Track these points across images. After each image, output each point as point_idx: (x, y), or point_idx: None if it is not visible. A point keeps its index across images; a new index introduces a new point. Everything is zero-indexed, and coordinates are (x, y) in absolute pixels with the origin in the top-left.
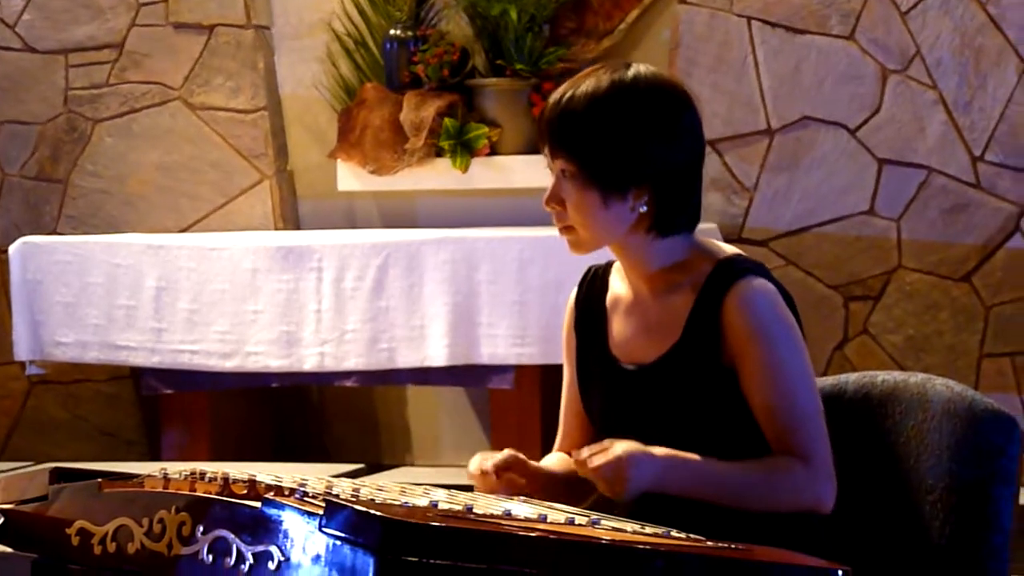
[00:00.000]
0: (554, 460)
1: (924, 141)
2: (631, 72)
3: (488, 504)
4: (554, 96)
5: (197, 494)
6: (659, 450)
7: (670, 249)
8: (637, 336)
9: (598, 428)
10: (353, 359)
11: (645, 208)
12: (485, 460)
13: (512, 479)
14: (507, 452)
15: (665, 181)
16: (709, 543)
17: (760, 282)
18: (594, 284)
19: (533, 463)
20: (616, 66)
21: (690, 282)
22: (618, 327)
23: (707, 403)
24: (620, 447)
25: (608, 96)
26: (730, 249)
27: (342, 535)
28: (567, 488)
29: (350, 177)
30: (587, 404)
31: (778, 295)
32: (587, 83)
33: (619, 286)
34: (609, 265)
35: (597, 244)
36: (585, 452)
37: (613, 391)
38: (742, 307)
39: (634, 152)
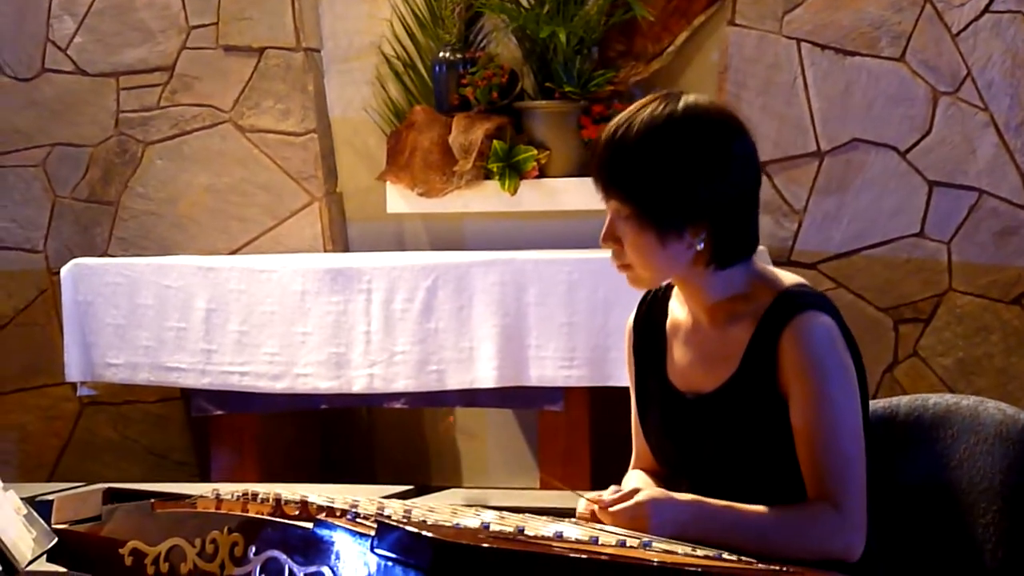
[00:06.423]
0: (636, 480)
1: (975, 163)
2: (680, 106)
3: (539, 526)
4: (605, 134)
5: (249, 515)
6: (684, 496)
7: (729, 279)
8: (696, 364)
9: (655, 453)
10: (402, 381)
11: (703, 245)
12: (591, 503)
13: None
14: (612, 489)
15: (721, 215)
16: (760, 565)
17: (823, 318)
18: (653, 308)
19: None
20: (664, 100)
21: (750, 313)
22: (678, 354)
23: (764, 434)
24: (643, 494)
25: (658, 136)
26: (791, 279)
27: (393, 556)
28: None
29: (399, 199)
30: (644, 427)
31: (838, 332)
32: (637, 121)
33: (679, 312)
34: (668, 288)
35: (656, 282)
36: (607, 497)
37: (671, 418)
38: (799, 339)
39: (688, 192)
